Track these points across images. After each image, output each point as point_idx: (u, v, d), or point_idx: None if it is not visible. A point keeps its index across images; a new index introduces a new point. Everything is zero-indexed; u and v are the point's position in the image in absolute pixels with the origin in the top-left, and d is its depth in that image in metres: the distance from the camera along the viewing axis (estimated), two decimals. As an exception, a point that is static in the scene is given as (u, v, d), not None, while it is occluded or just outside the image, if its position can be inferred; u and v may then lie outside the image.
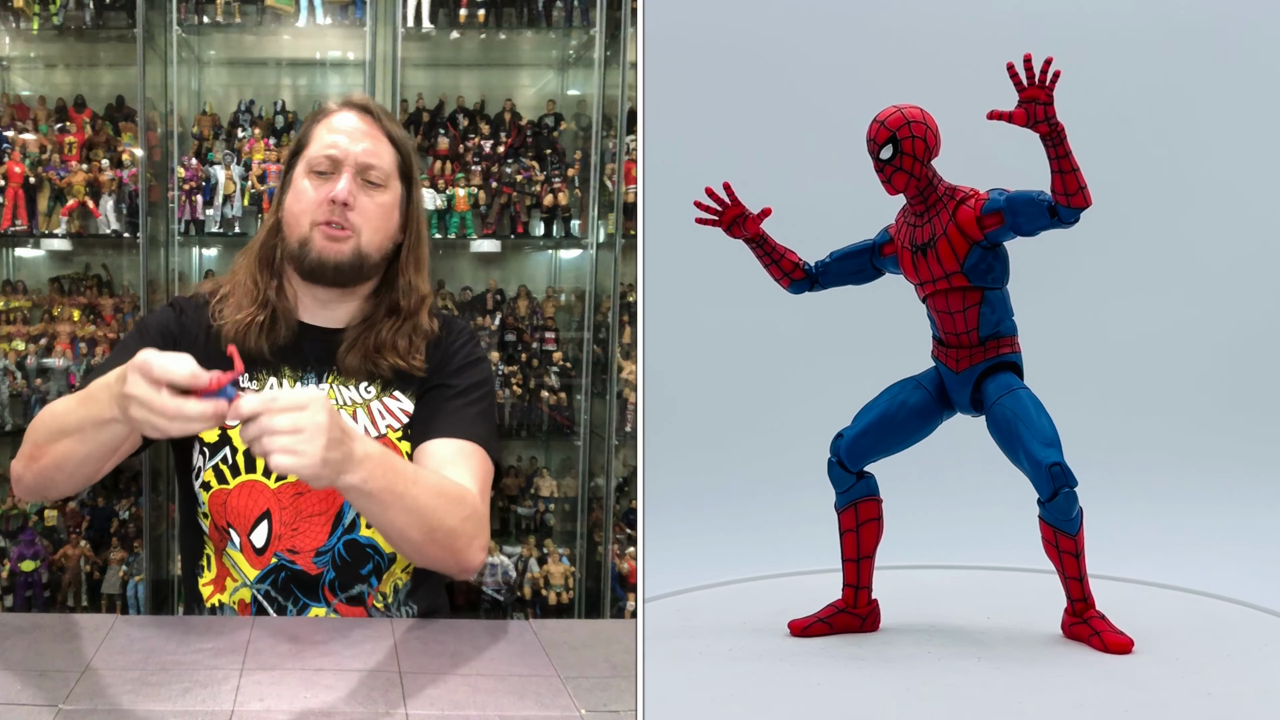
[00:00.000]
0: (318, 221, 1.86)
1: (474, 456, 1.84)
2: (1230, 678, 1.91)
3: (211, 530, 1.89)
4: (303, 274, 1.90)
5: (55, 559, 3.13)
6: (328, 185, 1.87)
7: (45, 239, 3.20)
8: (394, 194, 1.93)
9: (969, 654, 2.03)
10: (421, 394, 1.92)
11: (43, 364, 3.18)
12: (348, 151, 1.88)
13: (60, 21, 3.18)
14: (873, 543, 2.13)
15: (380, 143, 1.92)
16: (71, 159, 3.18)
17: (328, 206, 1.86)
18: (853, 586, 2.13)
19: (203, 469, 1.87)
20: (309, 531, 1.86)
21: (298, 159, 1.93)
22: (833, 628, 2.11)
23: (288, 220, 1.90)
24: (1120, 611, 2.28)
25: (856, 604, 2.13)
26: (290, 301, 1.92)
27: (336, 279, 1.89)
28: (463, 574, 1.82)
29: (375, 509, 1.59)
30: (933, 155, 2.06)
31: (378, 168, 1.90)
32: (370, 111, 1.95)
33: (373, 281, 1.95)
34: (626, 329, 3.24)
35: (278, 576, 1.87)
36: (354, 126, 1.91)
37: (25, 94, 3.37)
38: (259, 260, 1.92)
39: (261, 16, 3.22)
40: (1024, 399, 2.00)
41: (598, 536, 3.31)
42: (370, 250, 1.89)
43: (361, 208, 1.88)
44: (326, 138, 1.90)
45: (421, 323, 1.95)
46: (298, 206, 1.89)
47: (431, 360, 1.95)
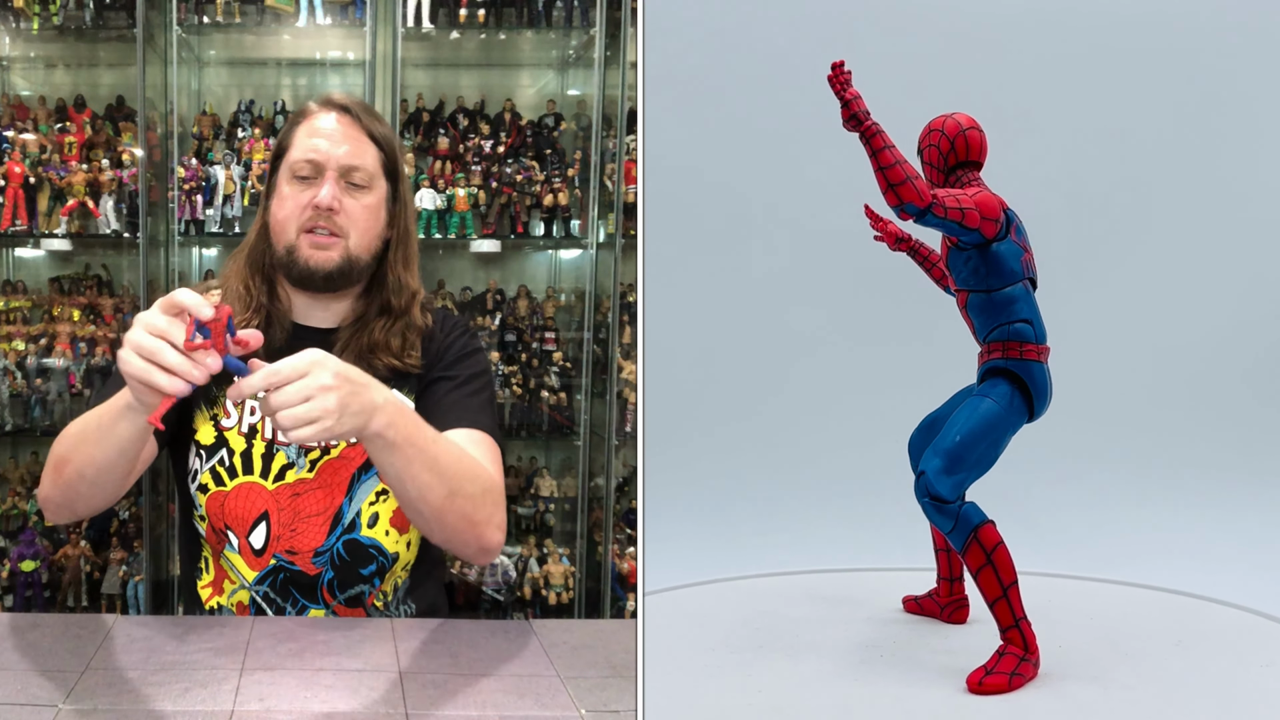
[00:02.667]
0: (304, 228, 1.85)
1: (484, 443, 1.83)
2: (1217, 680, 1.91)
3: (209, 533, 1.89)
4: (292, 281, 1.89)
5: (55, 559, 3.13)
6: (311, 190, 1.85)
7: (45, 239, 3.20)
8: (379, 194, 1.91)
9: (967, 654, 2.03)
10: (421, 389, 1.92)
11: (43, 364, 3.18)
12: (329, 155, 1.86)
13: (60, 21, 3.19)
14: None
15: (362, 143, 1.89)
16: (71, 159, 3.18)
17: (312, 212, 1.84)
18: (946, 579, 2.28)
19: (199, 471, 1.87)
20: (307, 532, 1.85)
21: (280, 162, 1.91)
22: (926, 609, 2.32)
23: (274, 227, 1.88)
24: (1121, 613, 2.29)
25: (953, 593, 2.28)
26: (284, 303, 1.91)
27: (327, 285, 1.88)
28: (481, 554, 1.77)
29: (399, 462, 1.55)
30: (949, 161, 2.12)
31: (361, 169, 1.87)
32: (350, 111, 1.91)
33: (364, 280, 1.94)
34: (626, 329, 3.24)
35: (276, 578, 1.87)
36: (334, 128, 1.88)
37: (25, 94, 3.37)
38: (249, 264, 1.91)
39: (261, 16, 3.22)
40: (971, 406, 2.02)
41: (598, 536, 3.31)
42: (359, 253, 1.88)
43: (347, 211, 1.86)
44: (307, 141, 1.87)
45: (414, 320, 1.94)
46: (282, 213, 1.87)
47: (427, 354, 1.94)
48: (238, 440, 1.87)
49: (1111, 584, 2.56)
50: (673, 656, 2.06)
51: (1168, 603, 2.40)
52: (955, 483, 1.97)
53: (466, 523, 1.68)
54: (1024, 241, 2.08)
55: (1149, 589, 2.51)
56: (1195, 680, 1.91)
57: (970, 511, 1.97)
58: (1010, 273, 2.04)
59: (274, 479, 1.85)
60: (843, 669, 2.01)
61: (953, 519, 1.95)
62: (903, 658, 2.05)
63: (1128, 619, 2.26)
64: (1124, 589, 2.53)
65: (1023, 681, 1.90)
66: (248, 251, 1.93)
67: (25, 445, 3.30)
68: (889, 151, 1.90)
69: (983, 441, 1.98)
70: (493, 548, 1.77)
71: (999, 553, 1.95)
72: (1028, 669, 1.93)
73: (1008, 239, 2.04)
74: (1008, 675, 1.90)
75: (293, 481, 1.85)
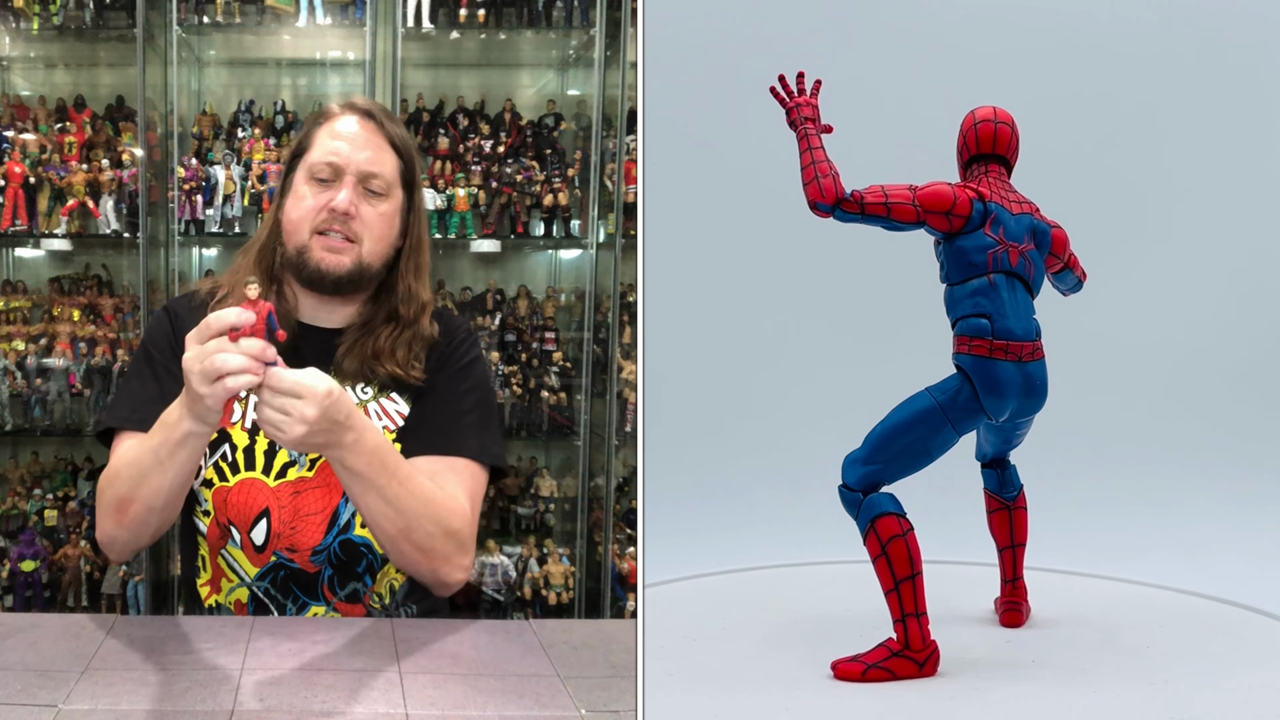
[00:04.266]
0: (317, 229, 1.85)
1: (465, 472, 1.85)
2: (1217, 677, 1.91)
3: (211, 528, 1.89)
4: (301, 282, 1.89)
5: (55, 559, 3.13)
6: (328, 193, 1.85)
7: (45, 239, 3.20)
8: (395, 202, 1.91)
9: (977, 648, 2.03)
10: (418, 396, 1.92)
11: (43, 364, 3.18)
12: (349, 159, 1.86)
13: (60, 21, 3.18)
14: (1012, 534, 2.26)
15: (383, 150, 1.90)
16: (71, 159, 3.18)
17: (328, 215, 1.84)
18: (1009, 582, 2.26)
19: (204, 466, 1.87)
20: (306, 530, 1.86)
21: (299, 162, 1.91)
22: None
23: (287, 227, 1.88)
24: (1113, 608, 2.29)
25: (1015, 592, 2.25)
26: (290, 303, 1.92)
27: (336, 289, 1.88)
28: (440, 587, 1.83)
29: (356, 487, 1.66)
30: (964, 156, 2.17)
31: (380, 176, 1.88)
32: (374, 117, 1.92)
33: (373, 286, 1.94)
34: (626, 329, 3.24)
35: (277, 575, 1.87)
36: (356, 133, 1.89)
37: (25, 94, 3.36)
38: (258, 262, 1.91)
39: (261, 16, 3.22)
40: (910, 398, 2.00)
41: (598, 536, 3.31)
42: (371, 260, 1.88)
43: (363, 217, 1.86)
44: (329, 144, 1.88)
45: (422, 330, 1.93)
46: (297, 213, 1.87)
47: (429, 363, 1.94)
48: (240, 436, 1.87)
49: (1105, 580, 2.57)
50: (673, 653, 2.06)
51: (1165, 599, 2.40)
52: (867, 472, 1.95)
53: (422, 557, 1.75)
54: (1001, 234, 2.01)
55: (1144, 585, 2.51)
56: (1193, 676, 1.91)
57: (875, 501, 1.93)
58: (969, 267, 2.00)
59: (275, 476, 1.86)
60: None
61: (855, 507, 1.95)
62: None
63: (1122, 615, 2.27)
64: (1118, 585, 2.53)
65: (885, 676, 1.89)
66: (257, 249, 1.93)
67: (25, 445, 3.30)
68: (807, 153, 2.00)
69: (908, 435, 1.95)
70: (450, 584, 1.82)
71: (894, 545, 1.91)
72: (900, 665, 1.90)
73: (977, 232, 1.99)
74: (866, 665, 1.90)
75: (294, 479, 1.85)
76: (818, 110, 2.08)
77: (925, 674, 1.90)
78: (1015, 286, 2.02)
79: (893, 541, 1.91)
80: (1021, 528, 2.24)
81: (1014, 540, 2.24)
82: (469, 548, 1.81)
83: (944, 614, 2.29)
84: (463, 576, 1.81)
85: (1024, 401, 2.00)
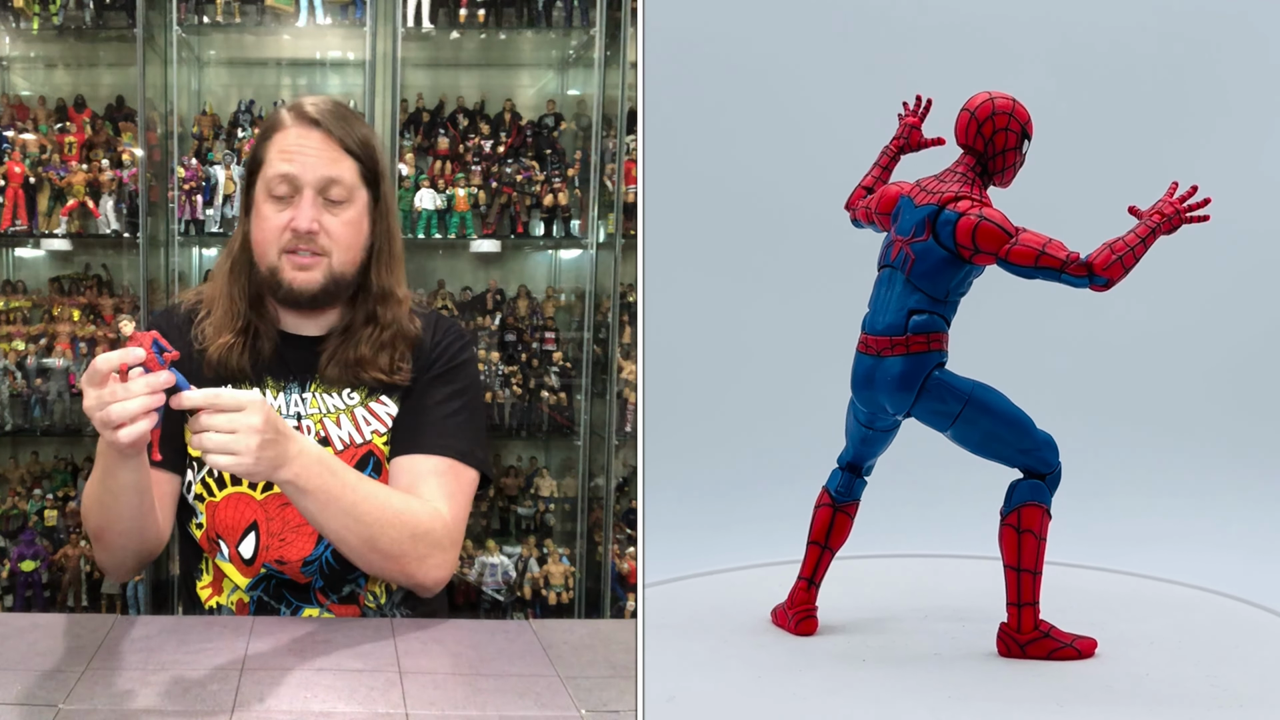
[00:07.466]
0: (285, 250, 1.82)
1: (449, 473, 1.83)
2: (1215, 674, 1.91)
3: (203, 540, 1.89)
4: (277, 300, 1.87)
5: (55, 559, 3.13)
6: (289, 211, 1.80)
7: (45, 239, 3.20)
8: (359, 205, 1.86)
9: (974, 640, 2.03)
10: (405, 397, 1.91)
11: (43, 364, 3.18)
12: (303, 175, 1.80)
13: (60, 21, 3.18)
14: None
15: (338, 158, 1.82)
16: (71, 159, 3.18)
17: (291, 234, 1.80)
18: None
19: (193, 482, 1.87)
20: (296, 542, 1.85)
21: (255, 177, 1.85)
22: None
23: (256, 248, 1.85)
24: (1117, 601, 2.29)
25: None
26: (270, 312, 1.90)
27: (313, 304, 1.86)
28: (420, 590, 1.82)
29: (312, 507, 1.64)
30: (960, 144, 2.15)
31: (339, 183, 1.82)
32: (321, 125, 1.82)
33: (350, 290, 1.91)
34: (626, 329, 3.24)
35: (269, 584, 1.87)
36: (306, 144, 1.81)
37: (25, 94, 3.36)
38: (233, 274, 1.89)
39: (261, 16, 3.22)
40: None
41: (598, 536, 3.31)
42: (344, 270, 1.85)
43: (328, 230, 1.81)
44: (280, 160, 1.81)
45: (403, 328, 1.91)
46: (261, 234, 1.83)
47: (416, 362, 1.92)
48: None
49: (1108, 572, 2.56)
50: (673, 652, 2.05)
51: (1165, 592, 2.40)
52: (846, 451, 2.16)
53: (392, 563, 1.73)
54: (896, 229, 2.01)
55: (1145, 578, 2.51)
56: (1191, 673, 1.91)
57: (828, 483, 2.14)
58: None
59: (262, 489, 1.84)
60: (842, 666, 2.00)
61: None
62: (907, 646, 2.05)
63: (1125, 607, 2.26)
64: (1120, 577, 2.53)
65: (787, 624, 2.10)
66: (230, 264, 1.90)
67: (25, 445, 3.30)
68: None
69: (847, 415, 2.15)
70: (429, 585, 1.80)
71: (819, 513, 2.12)
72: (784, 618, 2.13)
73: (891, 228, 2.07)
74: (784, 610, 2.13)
75: (280, 491, 1.85)
76: (908, 127, 2.24)
77: None
78: (895, 280, 2.01)
79: (818, 510, 2.12)
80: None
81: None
82: (446, 546, 1.78)
83: (943, 610, 2.29)
84: (441, 575, 1.79)
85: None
